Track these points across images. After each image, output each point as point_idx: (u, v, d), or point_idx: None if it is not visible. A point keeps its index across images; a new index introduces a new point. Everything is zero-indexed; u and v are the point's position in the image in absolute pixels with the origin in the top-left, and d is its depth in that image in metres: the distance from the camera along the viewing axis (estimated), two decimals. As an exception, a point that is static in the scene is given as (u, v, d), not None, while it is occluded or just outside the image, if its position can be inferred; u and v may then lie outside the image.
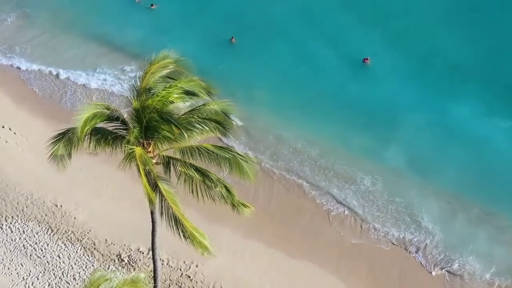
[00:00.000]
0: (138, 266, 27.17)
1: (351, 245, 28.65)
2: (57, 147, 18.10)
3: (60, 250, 27.65)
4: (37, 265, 26.99)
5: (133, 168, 17.72)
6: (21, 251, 27.52)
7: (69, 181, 30.78)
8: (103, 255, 27.57)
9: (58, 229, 28.51)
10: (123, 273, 26.74)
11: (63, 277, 26.47)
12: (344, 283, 26.80)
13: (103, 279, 17.77)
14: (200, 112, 18.01)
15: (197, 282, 26.53)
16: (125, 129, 18.28)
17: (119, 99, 36.22)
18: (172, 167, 18.08)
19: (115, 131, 18.40)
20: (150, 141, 17.91)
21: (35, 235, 28.23)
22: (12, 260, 27.10)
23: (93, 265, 27.01)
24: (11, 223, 28.65)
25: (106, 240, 28.13)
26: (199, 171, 18.17)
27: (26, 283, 26.15)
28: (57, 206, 29.55)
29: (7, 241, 27.88)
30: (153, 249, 20.74)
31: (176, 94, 17.60)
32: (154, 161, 17.95)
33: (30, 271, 26.65)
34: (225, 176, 20.21)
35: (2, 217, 28.84)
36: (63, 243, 27.96)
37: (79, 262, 27.23)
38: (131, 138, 17.36)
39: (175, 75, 18.41)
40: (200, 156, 18.24)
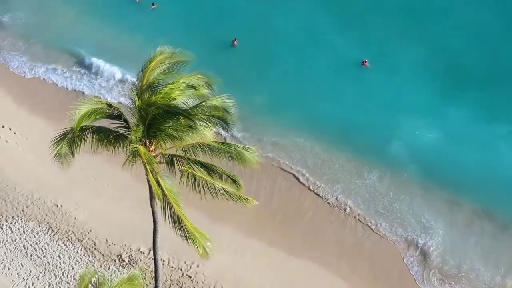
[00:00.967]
0: (138, 266, 27.10)
1: (352, 244, 28.66)
2: (60, 146, 18.10)
3: (60, 250, 27.59)
4: (37, 265, 26.92)
5: (133, 168, 17.75)
6: (21, 251, 27.45)
7: (70, 181, 30.71)
8: (103, 255, 27.51)
9: (58, 229, 28.45)
10: (124, 273, 26.72)
11: (64, 277, 26.40)
12: (345, 282, 26.81)
13: (92, 274, 17.87)
14: (201, 108, 17.95)
15: (198, 282, 26.48)
16: (127, 127, 18.26)
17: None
18: (175, 165, 18.06)
19: (117, 129, 18.38)
20: (152, 140, 17.87)
21: (36, 235, 28.15)
22: (12, 260, 27.03)
23: (93, 265, 26.95)
24: (11, 223, 28.57)
25: (106, 240, 28.07)
26: (204, 165, 18.19)
27: (26, 283, 26.06)
28: (57, 206, 29.49)
29: (7, 241, 27.80)
30: (154, 249, 20.69)
31: (178, 90, 17.69)
32: (157, 160, 17.90)
33: (30, 271, 26.57)
34: (230, 167, 20.31)
35: (2, 217, 28.76)
36: (63, 243, 27.89)
37: (79, 262, 27.17)
38: (133, 137, 17.33)
39: (174, 69, 18.48)
40: (202, 152, 18.34)
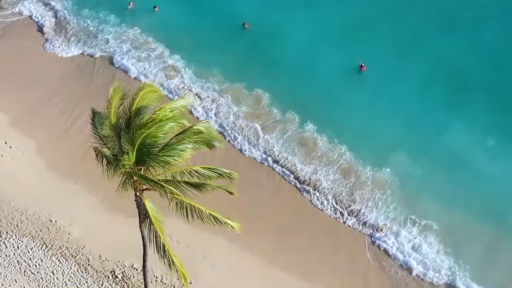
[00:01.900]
0: (132, 282, 27.18)
1: (350, 263, 28.72)
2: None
3: (54, 266, 27.66)
4: (31, 281, 27.01)
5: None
6: (15, 267, 27.53)
7: (64, 196, 30.89)
8: (97, 271, 27.57)
9: (52, 245, 28.53)
10: (117, 290, 26.83)
11: (57, 293, 26.52)
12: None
13: None
14: (188, 132, 18.81)
15: (190, 299, 26.58)
16: (119, 148, 18.48)
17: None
18: (165, 191, 18.26)
19: (112, 151, 18.67)
20: (141, 168, 18.04)
21: (30, 250, 28.25)
22: (6, 276, 27.11)
23: (86, 282, 27.03)
24: (5, 238, 28.66)
25: (100, 256, 28.13)
26: (193, 185, 18.48)
27: (20, 299, 26.21)
28: (51, 221, 29.56)
29: (1, 256, 27.87)
30: (144, 272, 20.86)
31: (163, 116, 18.21)
32: (146, 186, 18.08)
33: (24, 287, 26.67)
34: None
35: (-4, 232, 28.90)
36: (57, 259, 27.97)
37: (73, 278, 27.24)
38: (125, 163, 17.52)
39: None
40: (190, 177, 18.88)
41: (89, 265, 27.80)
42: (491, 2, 43.56)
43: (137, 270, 27.65)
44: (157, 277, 27.16)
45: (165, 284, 27.19)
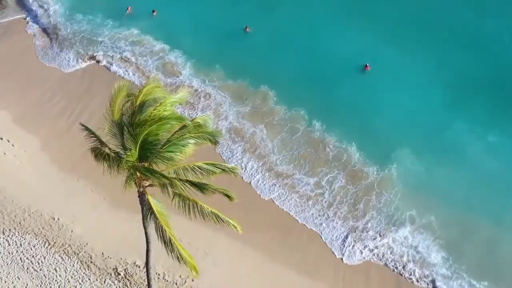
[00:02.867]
0: (134, 280, 27.27)
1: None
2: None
3: (57, 263, 27.77)
4: (34, 278, 27.11)
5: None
6: (18, 264, 27.64)
7: (67, 193, 31.00)
8: (99, 268, 27.68)
9: (55, 242, 28.64)
10: (119, 287, 26.90)
11: (60, 291, 26.63)
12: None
13: None
14: (189, 127, 18.86)
15: (192, 296, 26.68)
16: (122, 145, 18.57)
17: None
18: (167, 187, 18.34)
19: (114, 149, 18.75)
20: (144, 164, 18.12)
21: (32, 248, 28.35)
22: (9, 273, 27.22)
23: (89, 279, 27.13)
24: (8, 236, 28.77)
25: (102, 253, 28.24)
26: (195, 184, 18.54)
27: (22, 296, 26.32)
28: (54, 219, 29.67)
29: (4, 254, 27.99)
30: (147, 268, 20.92)
31: (165, 110, 18.29)
32: (149, 182, 18.17)
33: (27, 285, 26.76)
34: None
35: (-1, 230, 29.05)
36: (60, 256, 28.08)
37: (75, 275, 27.35)
38: (128, 159, 17.61)
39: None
40: (193, 173, 18.82)
41: (91, 262, 27.91)
42: (491, 2, 43.63)
43: (139, 267, 27.75)
44: (159, 275, 27.26)
45: (167, 281, 27.28)
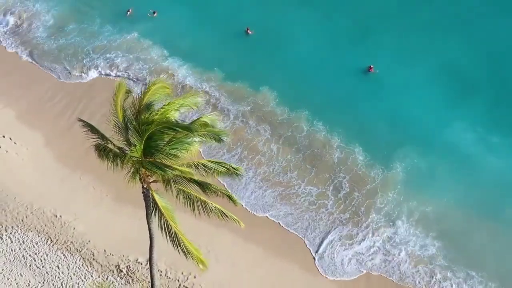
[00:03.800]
0: (136, 277, 27.43)
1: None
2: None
3: (59, 260, 27.92)
4: (36, 275, 27.25)
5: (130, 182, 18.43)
6: (20, 261, 27.78)
7: (69, 191, 31.13)
8: (102, 265, 27.84)
9: (57, 240, 28.78)
10: (122, 284, 27.06)
11: (62, 287, 26.73)
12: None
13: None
14: (194, 126, 18.63)
15: (195, 293, 26.86)
16: (126, 141, 18.73)
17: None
18: (171, 183, 18.48)
19: (118, 145, 18.88)
20: (149, 159, 18.25)
21: (35, 245, 28.49)
22: (11, 270, 27.35)
23: (91, 276, 27.29)
24: (11, 233, 28.91)
25: (105, 250, 28.39)
26: (198, 183, 18.66)
27: (25, 293, 26.46)
28: (56, 216, 29.81)
29: (7, 251, 28.13)
30: (150, 264, 21.06)
31: (173, 110, 18.38)
32: (152, 178, 18.30)
33: (29, 282, 26.91)
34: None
35: (2, 227, 29.09)
36: (62, 253, 28.23)
37: (78, 272, 27.49)
38: (133, 154, 17.72)
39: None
40: (197, 171, 18.85)
41: (94, 259, 28.06)
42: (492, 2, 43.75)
43: (141, 264, 27.90)
44: (161, 272, 27.42)
45: (169, 278, 27.45)
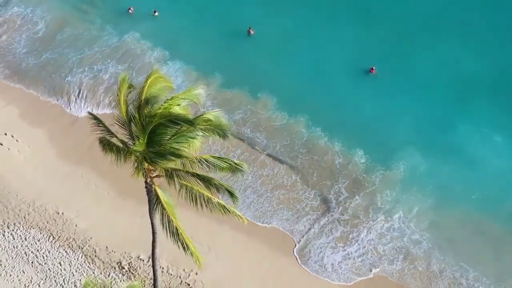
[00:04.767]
0: (138, 273, 27.49)
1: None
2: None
3: (61, 257, 27.99)
4: (38, 272, 27.32)
5: (134, 175, 18.54)
6: (22, 258, 27.86)
7: (71, 188, 31.22)
8: (103, 262, 27.90)
9: (59, 237, 28.85)
10: (123, 280, 27.11)
11: (65, 284, 26.81)
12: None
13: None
14: (198, 121, 18.63)
15: (196, 290, 26.90)
16: (129, 134, 18.79)
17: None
18: (174, 179, 18.50)
19: (121, 140, 18.93)
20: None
21: (37, 242, 28.57)
22: (14, 267, 27.44)
23: (93, 273, 27.35)
24: (13, 230, 28.99)
25: (106, 247, 28.46)
26: (201, 178, 18.67)
27: (27, 290, 26.52)
28: (58, 213, 29.88)
29: (9, 248, 28.22)
30: (153, 259, 21.14)
31: (176, 105, 18.33)
32: (156, 173, 18.35)
33: (31, 278, 26.98)
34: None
35: (4, 224, 29.19)
36: (64, 250, 28.30)
37: (80, 269, 27.57)
38: (136, 148, 17.76)
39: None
40: (200, 166, 18.85)
41: (96, 256, 28.12)
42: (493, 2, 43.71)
43: (143, 261, 27.96)
44: (163, 268, 27.47)
45: (171, 274, 27.50)
